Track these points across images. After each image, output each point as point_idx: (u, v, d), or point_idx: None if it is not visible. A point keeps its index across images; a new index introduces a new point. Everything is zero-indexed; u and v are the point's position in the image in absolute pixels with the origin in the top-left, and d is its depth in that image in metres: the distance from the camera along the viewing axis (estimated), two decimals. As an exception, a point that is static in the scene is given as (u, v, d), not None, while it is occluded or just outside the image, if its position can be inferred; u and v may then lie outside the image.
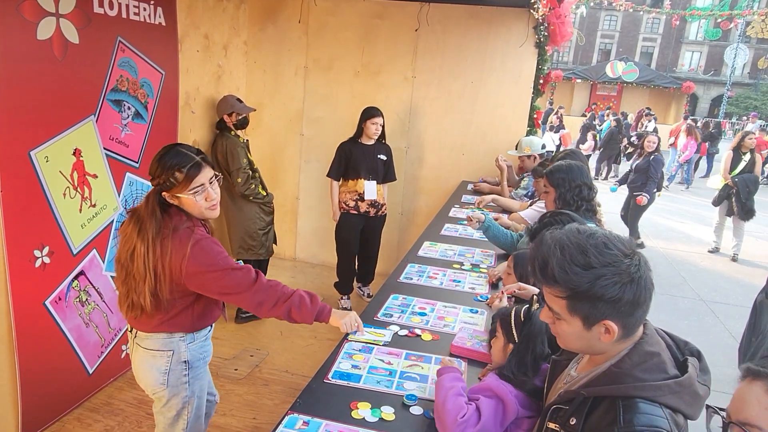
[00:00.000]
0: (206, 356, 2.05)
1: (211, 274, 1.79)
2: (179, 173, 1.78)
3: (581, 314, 1.06)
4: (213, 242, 1.85)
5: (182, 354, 1.94)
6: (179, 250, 1.77)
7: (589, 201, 2.46)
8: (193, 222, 1.87)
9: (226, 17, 4.13)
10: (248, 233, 3.97)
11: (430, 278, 2.62)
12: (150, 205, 1.81)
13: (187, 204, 1.83)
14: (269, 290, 1.86)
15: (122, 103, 3.01)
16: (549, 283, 1.07)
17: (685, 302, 5.47)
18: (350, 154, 4.17)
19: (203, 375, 2.06)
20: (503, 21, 4.56)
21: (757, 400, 0.76)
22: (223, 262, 1.81)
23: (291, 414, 1.49)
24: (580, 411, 1.06)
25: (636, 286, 1.02)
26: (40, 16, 2.42)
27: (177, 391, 1.96)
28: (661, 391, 1.00)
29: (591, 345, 1.09)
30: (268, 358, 3.63)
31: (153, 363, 1.92)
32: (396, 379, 1.71)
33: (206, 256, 1.79)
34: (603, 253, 1.03)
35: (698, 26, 31.78)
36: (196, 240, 1.79)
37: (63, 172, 2.66)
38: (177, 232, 1.79)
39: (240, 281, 1.81)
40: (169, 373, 1.93)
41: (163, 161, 1.81)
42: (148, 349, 1.93)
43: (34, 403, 2.65)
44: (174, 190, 1.80)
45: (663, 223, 8.97)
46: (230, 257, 1.86)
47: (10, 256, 2.42)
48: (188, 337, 1.94)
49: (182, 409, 2.00)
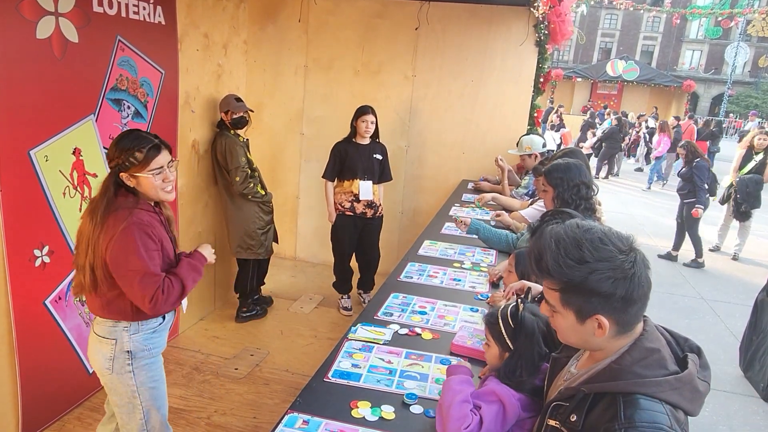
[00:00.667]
0: (153, 348, 2.05)
1: (120, 265, 1.83)
2: (139, 153, 1.86)
3: (574, 307, 1.07)
4: (141, 233, 1.85)
5: (125, 344, 1.98)
6: (111, 230, 1.83)
7: (587, 200, 2.46)
8: (141, 204, 1.90)
9: (225, 16, 4.12)
10: (247, 233, 3.97)
11: (430, 277, 2.61)
12: (104, 185, 1.88)
13: (144, 184, 1.89)
14: (167, 301, 1.87)
15: (122, 102, 3.01)
16: (544, 276, 1.10)
17: (685, 301, 5.46)
18: (345, 154, 4.15)
19: (152, 366, 2.06)
20: (503, 19, 4.56)
21: None
22: (134, 260, 1.82)
23: (291, 413, 1.49)
24: (581, 408, 1.06)
25: (629, 282, 1.02)
26: (40, 15, 2.42)
27: (122, 379, 2.00)
28: (661, 387, 1.00)
29: (586, 340, 1.10)
30: (269, 358, 3.63)
31: (99, 348, 1.99)
32: (396, 378, 1.71)
33: (128, 245, 1.82)
34: (598, 248, 1.04)
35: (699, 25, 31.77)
36: (126, 225, 1.83)
37: (63, 172, 2.66)
38: (117, 211, 1.85)
39: (140, 292, 1.83)
40: (114, 360, 1.98)
41: (122, 143, 1.88)
42: (97, 334, 2.00)
43: (35, 402, 2.65)
44: (132, 169, 1.86)
45: (664, 221, 8.96)
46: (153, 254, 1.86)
47: (10, 255, 2.42)
48: (132, 327, 1.97)
49: (132, 398, 2.03)
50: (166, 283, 1.87)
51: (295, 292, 4.72)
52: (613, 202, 9.86)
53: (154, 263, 1.86)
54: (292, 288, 4.82)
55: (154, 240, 1.87)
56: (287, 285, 4.87)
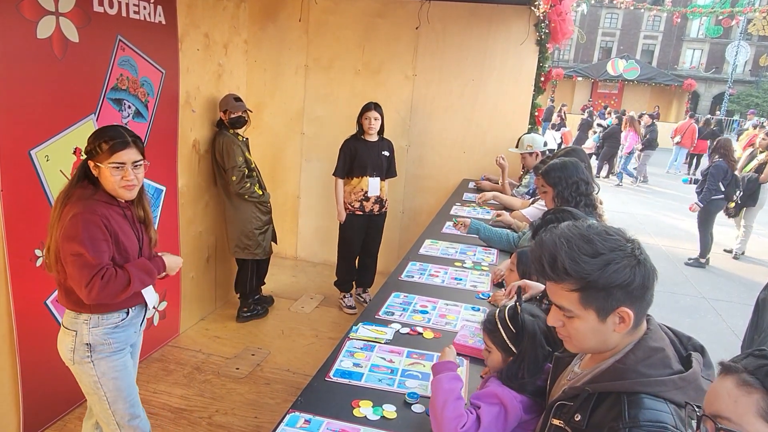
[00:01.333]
0: (114, 343, 2.05)
1: (63, 250, 1.87)
2: (105, 144, 1.92)
3: (595, 305, 1.05)
4: (89, 222, 1.87)
5: (84, 336, 2.01)
6: (64, 219, 1.88)
7: (587, 196, 2.46)
8: (97, 196, 1.93)
9: (226, 16, 4.12)
10: (244, 233, 3.96)
11: (431, 276, 2.61)
12: (74, 170, 1.96)
13: (104, 176, 1.94)
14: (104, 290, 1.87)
15: (122, 101, 3.01)
16: (560, 278, 1.06)
17: (687, 300, 5.46)
18: (355, 151, 4.15)
19: (112, 357, 2.06)
20: (504, 19, 4.55)
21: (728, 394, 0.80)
22: (74, 246, 1.85)
23: (292, 412, 1.48)
24: (585, 407, 1.06)
25: (644, 268, 1.04)
26: (40, 14, 2.42)
27: (83, 369, 2.04)
28: (665, 386, 1.00)
29: (605, 339, 1.08)
30: (270, 357, 3.62)
31: (63, 338, 2.05)
32: (398, 377, 1.70)
33: (73, 232, 1.85)
34: (606, 239, 1.05)
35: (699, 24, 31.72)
36: (75, 212, 1.87)
37: (63, 171, 2.66)
38: (72, 201, 1.90)
39: (81, 276, 1.86)
40: (74, 351, 2.02)
41: (97, 133, 1.96)
42: (62, 325, 2.05)
43: (36, 402, 2.65)
44: (96, 158, 1.92)
45: (665, 220, 8.96)
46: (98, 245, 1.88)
47: (10, 255, 2.42)
48: (92, 320, 2.00)
49: (96, 389, 2.06)
50: (108, 272, 1.88)
51: (296, 292, 4.72)
52: (614, 202, 9.85)
53: (98, 252, 1.87)
54: (293, 287, 4.81)
55: (102, 231, 1.89)
56: (288, 284, 4.86)
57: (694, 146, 13.93)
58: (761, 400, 0.77)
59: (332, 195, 4.61)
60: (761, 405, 0.76)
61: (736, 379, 0.80)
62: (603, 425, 1.01)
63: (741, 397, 0.78)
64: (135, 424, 2.15)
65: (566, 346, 1.17)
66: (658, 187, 12.45)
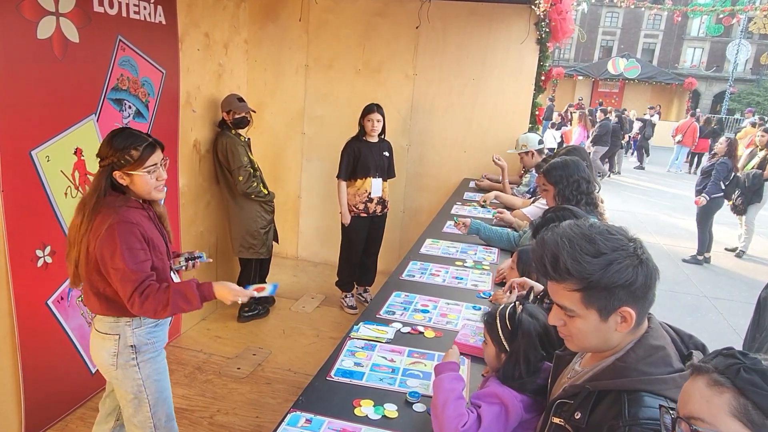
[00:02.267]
0: (157, 342, 2.07)
1: (105, 263, 1.84)
2: (135, 151, 1.86)
3: (597, 305, 1.05)
4: (130, 232, 1.84)
5: (128, 338, 1.99)
6: (98, 228, 1.84)
7: (588, 194, 2.47)
8: (129, 204, 1.90)
9: (226, 16, 4.12)
10: (249, 232, 3.97)
11: (432, 275, 2.61)
12: (95, 183, 1.89)
13: (138, 182, 1.90)
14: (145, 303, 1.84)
15: (123, 102, 3.01)
16: (562, 278, 1.06)
17: (688, 299, 5.45)
18: (359, 152, 4.13)
19: (156, 358, 2.07)
20: (504, 18, 4.55)
21: (700, 394, 0.81)
22: (119, 262, 1.81)
23: (293, 412, 1.48)
24: (585, 405, 1.06)
25: (646, 267, 1.04)
26: (40, 15, 2.42)
27: (128, 373, 2.01)
28: (666, 384, 1.00)
29: (607, 339, 1.08)
30: (271, 357, 3.62)
31: (103, 345, 1.99)
32: (399, 376, 1.70)
33: (111, 244, 1.82)
34: (609, 238, 1.05)
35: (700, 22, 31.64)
36: (111, 224, 1.83)
37: (64, 172, 2.66)
38: (104, 211, 1.86)
39: (124, 288, 1.83)
40: (118, 355, 1.99)
41: (116, 141, 1.88)
42: (98, 331, 2.00)
43: (37, 402, 2.65)
44: (128, 168, 1.87)
45: (666, 219, 8.95)
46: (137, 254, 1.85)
47: (12, 255, 2.42)
48: (134, 322, 1.98)
49: (140, 392, 2.03)
50: (149, 288, 1.84)
51: (297, 292, 4.72)
52: (615, 200, 9.85)
53: (137, 263, 1.84)
54: (294, 287, 4.81)
55: (139, 239, 1.87)
56: (289, 284, 4.86)
57: (695, 145, 13.93)
58: (733, 399, 0.77)
59: (332, 195, 4.62)
60: (733, 404, 0.77)
61: (707, 380, 0.80)
62: (603, 423, 1.01)
63: (713, 397, 0.79)
64: (170, 426, 2.15)
65: (567, 345, 1.16)
66: (659, 185, 12.43)
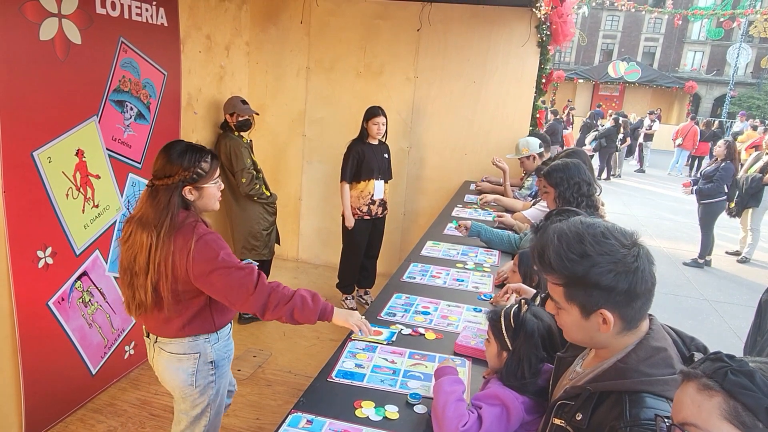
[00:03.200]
0: (230, 354, 2.08)
1: (215, 272, 1.77)
2: (205, 164, 1.84)
3: (578, 302, 1.07)
4: (217, 237, 1.85)
5: (208, 355, 1.95)
6: (183, 247, 1.77)
7: (589, 197, 2.47)
8: (195, 218, 1.86)
9: (228, 18, 4.14)
10: (252, 233, 3.98)
11: (433, 277, 2.61)
12: (164, 201, 1.79)
13: (208, 195, 1.87)
14: (272, 293, 1.82)
15: (125, 103, 3.02)
16: (546, 271, 1.10)
17: (689, 302, 5.45)
18: (363, 155, 4.11)
19: (227, 373, 2.09)
20: (505, 20, 4.56)
21: (691, 400, 0.81)
22: (227, 260, 1.79)
23: (294, 413, 1.48)
24: (586, 406, 1.06)
25: (632, 276, 1.03)
26: (43, 16, 2.43)
27: (204, 390, 1.99)
28: (668, 385, 1.00)
29: (592, 336, 1.10)
30: (272, 359, 3.62)
31: (179, 366, 1.93)
32: (400, 377, 1.70)
33: (210, 252, 1.78)
34: (600, 242, 1.05)
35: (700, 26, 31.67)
36: (199, 235, 1.78)
37: (66, 173, 2.66)
38: (181, 229, 1.79)
39: (243, 281, 1.78)
40: (197, 374, 1.95)
41: (185, 157, 1.81)
42: (174, 353, 1.92)
43: (38, 403, 2.64)
44: (201, 180, 1.83)
45: (667, 222, 8.95)
46: (234, 255, 1.85)
47: (13, 256, 2.42)
48: (212, 337, 1.96)
49: (206, 407, 2.03)
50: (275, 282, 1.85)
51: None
52: (616, 203, 9.85)
53: (238, 260, 1.83)
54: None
55: (223, 241, 1.86)
56: (290, 286, 4.85)
57: (696, 148, 13.93)
58: (723, 402, 0.77)
59: (333, 197, 4.63)
60: (724, 407, 0.77)
61: (697, 385, 0.81)
62: (604, 424, 1.01)
63: (704, 401, 0.79)
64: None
65: (564, 335, 1.18)
66: (659, 189, 12.44)
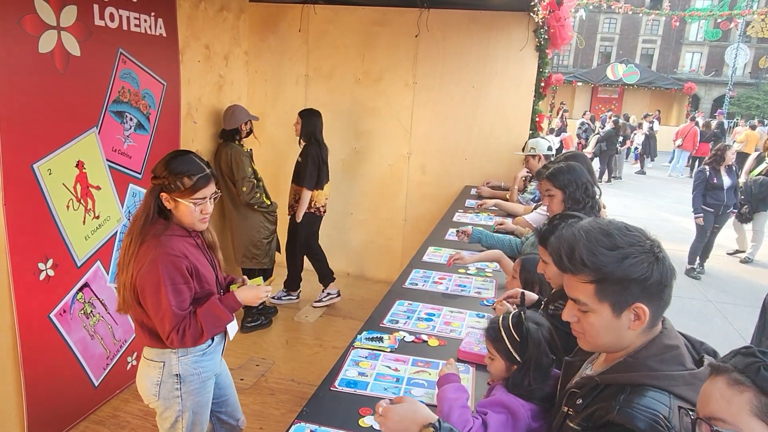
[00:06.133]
0: (203, 373, 1.98)
1: (146, 298, 1.78)
2: (188, 180, 1.79)
3: (610, 300, 1.05)
4: (169, 266, 1.77)
5: (173, 367, 1.91)
6: (142, 259, 1.77)
7: (593, 198, 2.46)
8: (174, 231, 1.83)
9: (226, 27, 4.15)
10: (252, 242, 3.97)
11: (435, 283, 2.60)
12: (145, 203, 1.82)
13: (182, 211, 1.82)
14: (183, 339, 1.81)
15: (124, 114, 3.02)
16: (577, 270, 1.07)
17: (693, 303, 5.42)
18: (322, 160, 4.25)
19: (200, 391, 1.99)
20: (503, 25, 4.57)
21: (720, 395, 0.79)
22: (158, 296, 1.76)
23: (297, 423, 1.47)
24: (590, 395, 1.07)
25: (662, 265, 1.04)
26: (42, 29, 2.43)
27: (169, 404, 1.94)
28: (675, 381, 1.00)
29: (620, 336, 1.07)
30: (274, 367, 3.61)
31: (147, 372, 1.93)
32: (403, 385, 1.69)
33: (154, 279, 1.75)
34: (626, 234, 1.06)
35: (698, 27, 31.73)
36: (154, 257, 1.75)
37: (66, 185, 2.66)
38: (149, 237, 1.79)
39: (162, 323, 1.79)
40: (161, 384, 1.91)
41: (173, 164, 1.80)
42: (145, 357, 1.95)
43: (40, 415, 2.63)
44: (176, 194, 1.79)
45: (668, 224, 8.93)
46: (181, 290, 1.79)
47: (14, 269, 2.42)
48: (180, 350, 1.90)
49: (175, 422, 1.97)
50: (184, 323, 1.80)
51: (299, 302, 4.70)
52: (617, 205, 9.84)
53: (179, 300, 1.78)
54: (297, 297, 4.80)
55: (182, 273, 1.79)
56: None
57: (696, 149, 13.93)
58: (754, 398, 0.76)
59: (334, 204, 4.63)
60: (754, 403, 0.76)
61: (727, 379, 0.79)
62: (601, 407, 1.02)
63: (734, 397, 0.77)
64: None
65: (580, 344, 1.16)
66: (660, 190, 12.42)
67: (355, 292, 4.94)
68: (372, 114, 4.94)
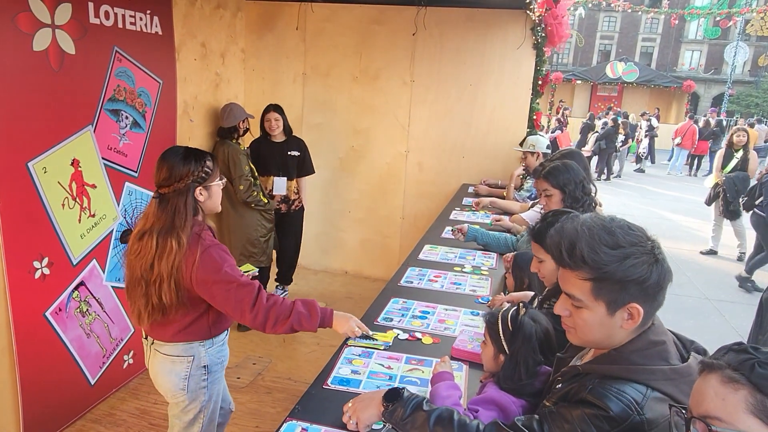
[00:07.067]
0: (224, 360, 2.07)
1: (216, 285, 1.79)
2: (209, 162, 1.87)
3: (606, 298, 1.04)
4: (222, 249, 1.85)
5: (202, 359, 1.95)
6: (189, 256, 1.78)
7: (590, 195, 2.47)
8: (201, 226, 1.87)
9: (222, 25, 4.14)
10: (249, 240, 3.97)
11: (430, 281, 2.60)
12: (179, 205, 1.80)
13: (215, 193, 1.90)
14: (270, 310, 1.83)
15: (120, 112, 3.02)
16: (576, 266, 1.05)
17: (690, 301, 5.43)
18: (258, 153, 4.20)
19: (220, 379, 2.08)
20: (500, 23, 4.56)
21: (714, 392, 0.78)
22: (229, 274, 1.80)
23: (289, 421, 1.47)
24: (570, 381, 1.08)
25: (660, 267, 1.03)
26: (36, 27, 2.43)
27: (195, 396, 1.98)
28: (653, 375, 0.99)
29: (610, 335, 1.06)
30: (271, 366, 3.61)
31: (172, 368, 1.94)
32: (396, 383, 1.69)
33: (214, 264, 1.79)
34: (628, 233, 1.04)
35: (697, 25, 31.71)
36: (205, 247, 1.79)
37: (61, 183, 2.66)
38: (193, 238, 1.81)
39: (242, 298, 1.80)
40: (189, 378, 1.95)
41: (188, 158, 1.85)
42: (168, 354, 1.94)
43: (36, 414, 2.63)
44: (209, 179, 1.86)
45: (666, 222, 8.93)
46: (237, 269, 1.85)
47: (9, 267, 2.42)
48: (207, 342, 1.96)
49: (199, 413, 2.01)
50: (273, 296, 1.84)
51: (297, 300, 4.70)
52: (615, 203, 9.84)
53: (241, 275, 1.84)
54: (294, 295, 4.77)
55: (230, 255, 1.86)
56: (289, 293, 4.85)
57: (695, 147, 13.93)
58: (749, 395, 0.75)
59: (332, 202, 4.62)
60: (750, 401, 0.74)
61: (720, 377, 0.78)
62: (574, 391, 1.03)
63: (728, 394, 0.76)
64: None
65: (569, 338, 1.15)
66: (659, 188, 12.42)
67: (353, 290, 4.94)
68: (369, 112, 4.93)
